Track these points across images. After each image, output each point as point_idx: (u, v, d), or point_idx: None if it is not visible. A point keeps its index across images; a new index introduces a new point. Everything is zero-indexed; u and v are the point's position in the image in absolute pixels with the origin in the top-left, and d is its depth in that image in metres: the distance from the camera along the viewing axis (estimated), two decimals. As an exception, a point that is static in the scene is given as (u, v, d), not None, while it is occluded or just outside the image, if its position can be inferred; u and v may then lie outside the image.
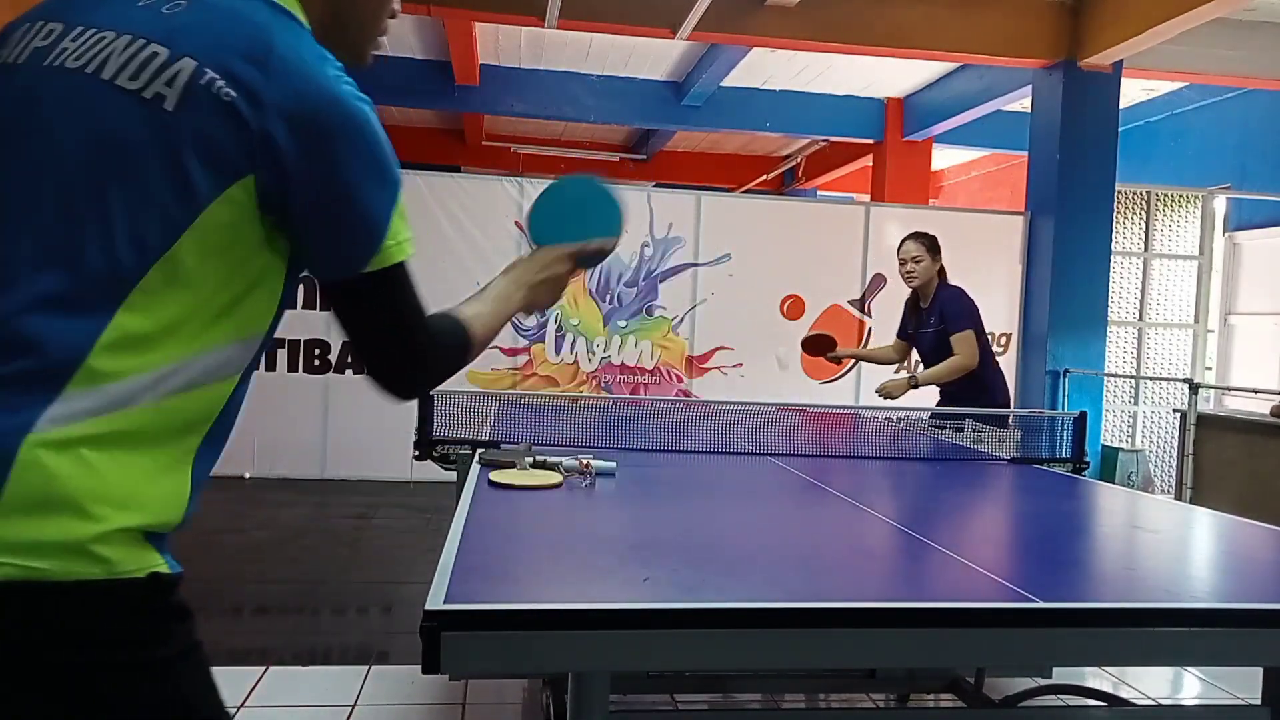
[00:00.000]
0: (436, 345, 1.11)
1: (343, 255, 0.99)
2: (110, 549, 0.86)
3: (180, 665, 0.94)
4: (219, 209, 0.90)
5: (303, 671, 3.13)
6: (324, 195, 0.95)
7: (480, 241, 6.48)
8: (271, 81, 0.91)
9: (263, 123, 0.90)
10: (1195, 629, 1.25)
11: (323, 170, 0.94)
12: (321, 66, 0.95)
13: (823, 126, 9.43)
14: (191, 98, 0.90)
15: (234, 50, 0.91)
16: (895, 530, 1.85)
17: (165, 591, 0.92)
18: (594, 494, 2.04)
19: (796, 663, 1.66)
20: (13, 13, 1.02)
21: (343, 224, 0.97)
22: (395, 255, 1.00)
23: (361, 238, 0.98)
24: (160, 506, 0.92)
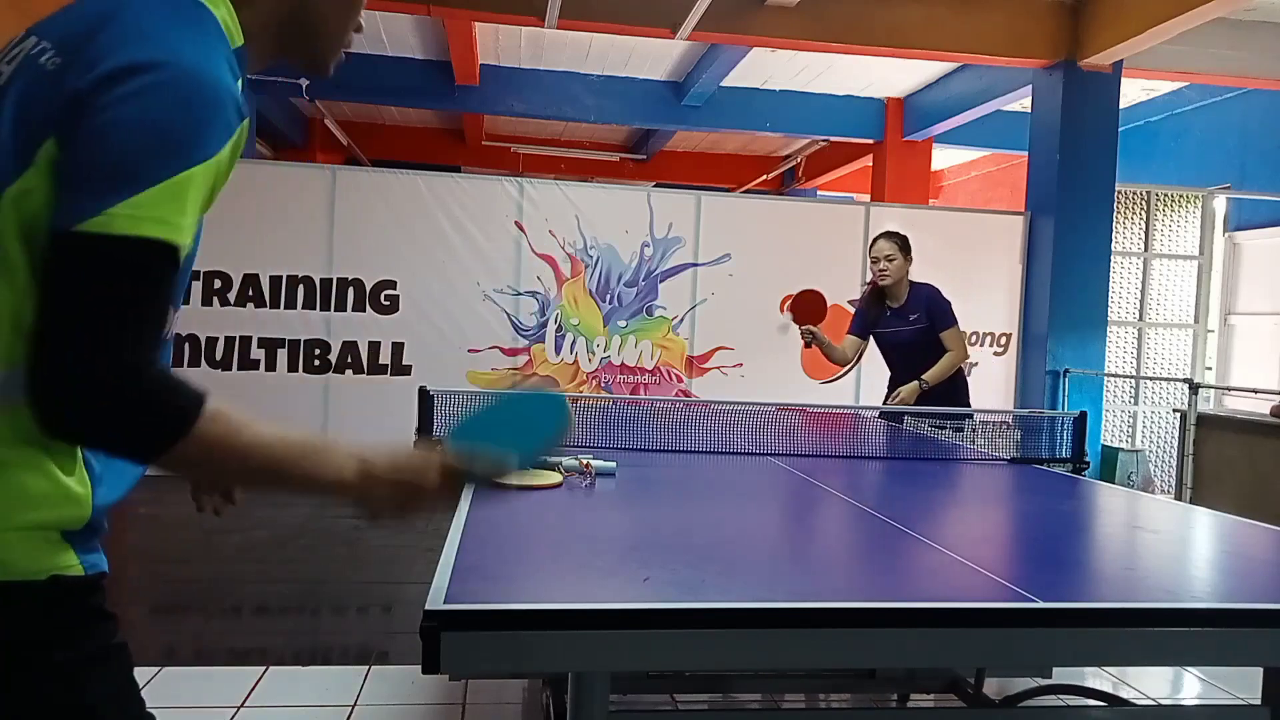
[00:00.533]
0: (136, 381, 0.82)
1: (70, 200, 0.83)
2: (5, 551, 0.84)
3: (86, 669, 0.91)
4: (29, 178, 0.86)
5: (303, 671, 3.13)
6: (88, 132, 0.83)
7: (480, 241, 6.48)
8: (95, 43, 0.87)
9: (75, 81, 0.86)
10: (1195, 629, 1.25)
11: (100, 110, 0.83)
12: (160, 29, 0.89)
13: (823, 126, 9.43)
14: (22, 70, 0.90)
15: (80, 27, 0.90)
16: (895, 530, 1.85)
17: (71, 594, 0.90)
18: (594, 494, 2.04)
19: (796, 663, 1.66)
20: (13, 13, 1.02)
21: (86, 166, 0.83)
22: (120, 225, 0.81)
23: (90, 189, 0.82)
24: (54, 503, 0.88)
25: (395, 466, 0.98)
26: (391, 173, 6.59)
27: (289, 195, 6.32)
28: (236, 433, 0.88)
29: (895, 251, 4.01)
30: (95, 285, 0.80)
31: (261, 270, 6.23)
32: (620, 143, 11.81)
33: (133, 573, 4.33)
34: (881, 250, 4.03)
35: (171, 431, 0.84)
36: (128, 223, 0.80)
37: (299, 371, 6.38)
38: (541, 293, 6.61)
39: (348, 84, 8.34)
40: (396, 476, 0.98)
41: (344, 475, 0.96)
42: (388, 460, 0.98)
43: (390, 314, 6.37)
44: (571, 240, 6.63)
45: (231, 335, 6.20)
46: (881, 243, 4.05)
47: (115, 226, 0.80)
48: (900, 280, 4.04)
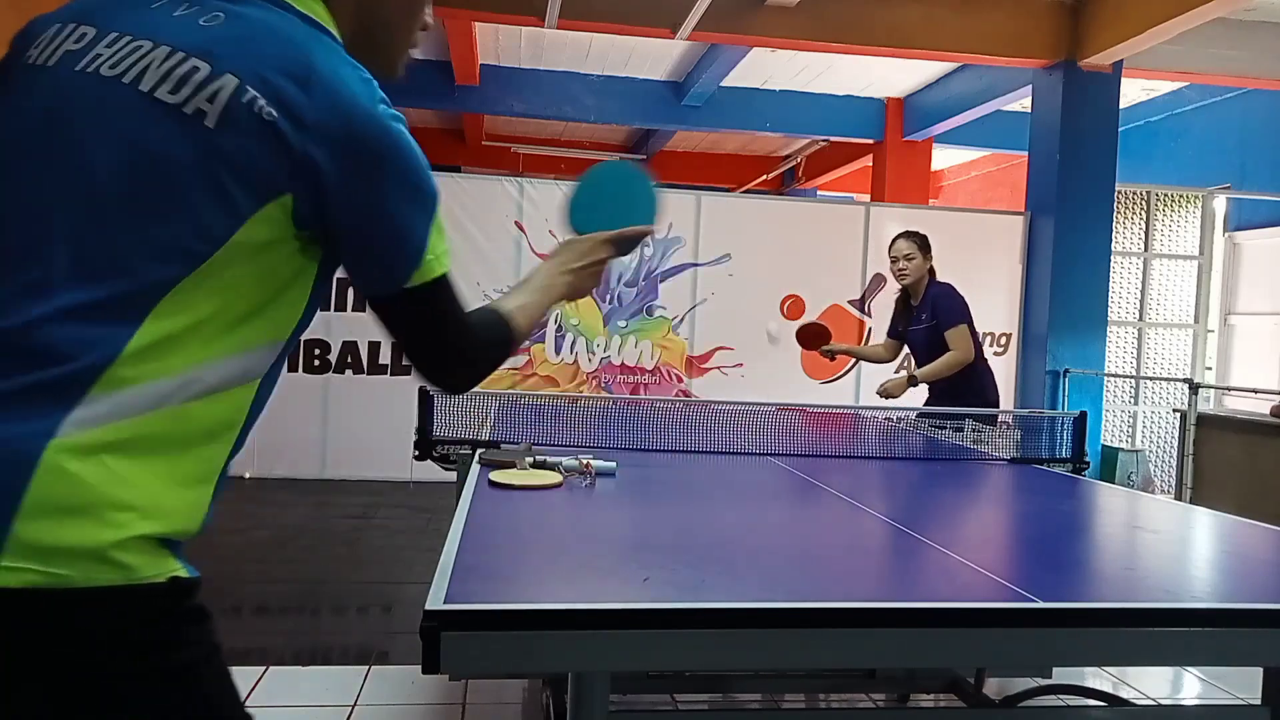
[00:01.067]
0: (480, 344, 1.14)
1: (383, 273, 1.01)
2: (130, 555, 0.86)
3: (202, 668, 0.94)
4: (255, 226, 0.90)
5: (303, 671, 3.13)
6: (364, 216, 0.96)
7: (480, 241, 6.48)
8: (313, 101, 0.91)
9: (303, 143, 0.90)
10: (1195, 629, 1.25)
11: (362, 191, 0.94)
12: (360, 86, 0.95)
13: (823, 126, 9.43)
14: (232, 115, 0.89)
15: (274, 68, 0.91)
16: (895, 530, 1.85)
17: (185, 596, 0.92)
18: (594, 494, 2.04)
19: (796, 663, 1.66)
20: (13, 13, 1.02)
21: (383, 244, 0.99)
22: (434, 270, 1.02)
23: (401, 256, 1.00)
24: (180, 514, 0.92)
25: (583, 257, 1.37)
26: (391, 173, 6.58)
27: (289, 195, 6.31)
28: (525, 313, 1.23)
29: (914, 250, 4.01)
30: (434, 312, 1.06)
31: (261, 270, 6.23)
32: (620, 143, 11.82)
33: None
34: (901, 250, 4.04)
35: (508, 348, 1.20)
36: (435, 265, 1.02)
37: (299, 371, 6.38)
38: (541, 293, 6.60)
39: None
40: (587, 263, 1.37)
41: (567, 288, 1.34)
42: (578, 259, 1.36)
43: (390, 314, 6.36)
44: (571, 240, 6.62)
45: (231, 335, 6.20)
46: (901, 242, 4.06)
47: (430, 274, 1.02)
48: (920, 279, 4.05)
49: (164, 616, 0.90)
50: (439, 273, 1.02)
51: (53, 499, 0.82)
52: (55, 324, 0.85)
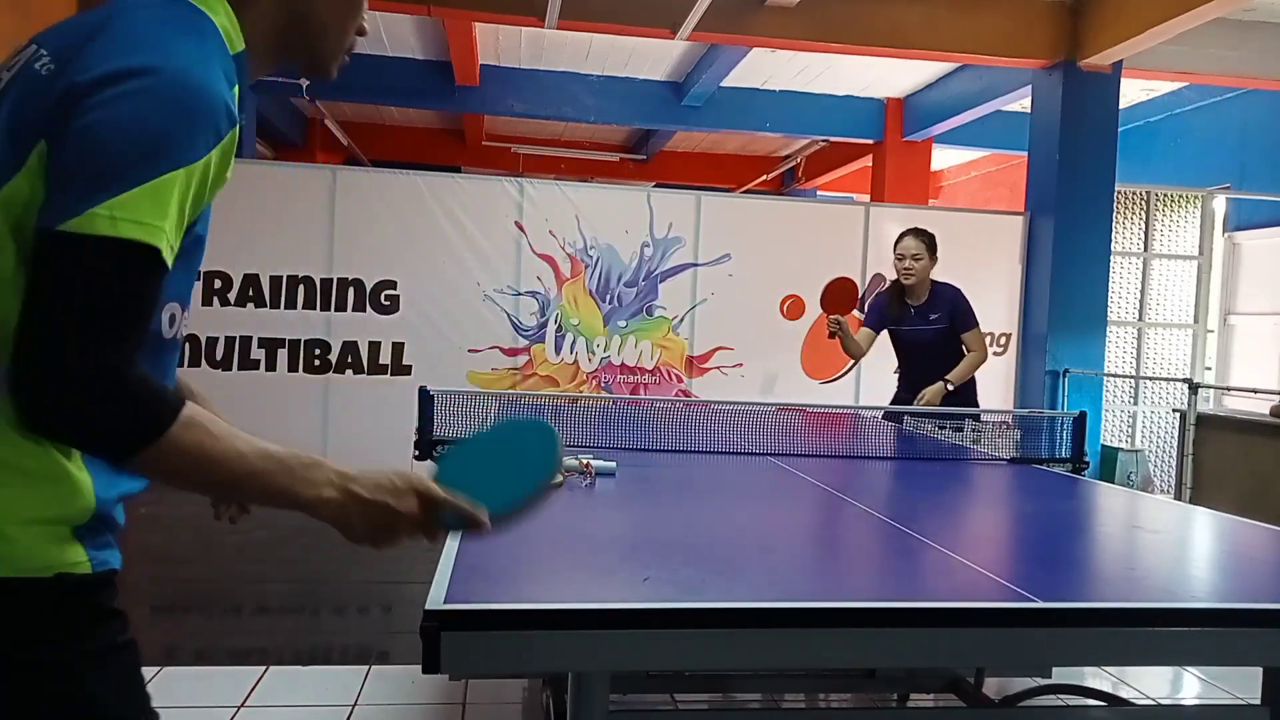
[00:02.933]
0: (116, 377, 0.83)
1: (53, 200, 0.85)
2: (9, 546, 0.85)
3: (88, 667, 0.92)
4: (20, 181, 0.87)
5: (303, 671, 3.13)
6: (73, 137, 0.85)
7: (480, 241, 6.47)
8: (88, 49, 0.89)
9: (67, 83, 0.88)
10: (1195, 629, 1.25)
11: (89, 112, 0.85)
12: (154, 35, 0.90)
13: (823, 126, 9.43)
14: (19, 76, 0.91)
15: (79, 34, 0.92)
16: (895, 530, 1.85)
17: (76, 592, 0.90)
18: (594, 494, 2.04)
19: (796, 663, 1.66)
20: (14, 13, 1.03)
21: (67, 169, 0.85)
22: (100, 226, 0.82)
23: (76, 188, 0.83)
24: (54, 497, 0.89)
25: (376, 487, 0.97)
26: (391, 173, 6.58)
27: (289, 195, 6.32)
28: (213, 442, 0.88)
29: (922, 250, 3.99)
30: (75, 284, 0.82)
31: (261, 270, 6.23)
32: (620, 143, 11.81)
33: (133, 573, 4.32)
34: (909, 249, 4.01)
35: (144, 434, 0.84)
36: (107, 224, 0.82)
37: (299, 371, 6.37)
38: (541, 293, 6.61)
39: (348, 84, 8.33)
40: (375, 497, 0.96)
41: (322, 493, 0.95)
42: (370, 481, 0.97)
43: (390, 314, 6.37)
44: (571, 240, 6.63)
45: (231, 335, 6.19)
46: (909, 240, 4.02)
47: (95, 227, 0.81)
48: (923, 280, 4.03)
49: (47, 611, 0.88)
50: (104, 232, 0.82)
51: None
52: None
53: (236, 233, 5.99)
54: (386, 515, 0.97)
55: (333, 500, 0.95)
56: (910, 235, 4.03)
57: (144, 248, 0.84)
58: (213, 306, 6.13)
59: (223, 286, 6.17)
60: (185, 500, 1.23)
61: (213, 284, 6.13)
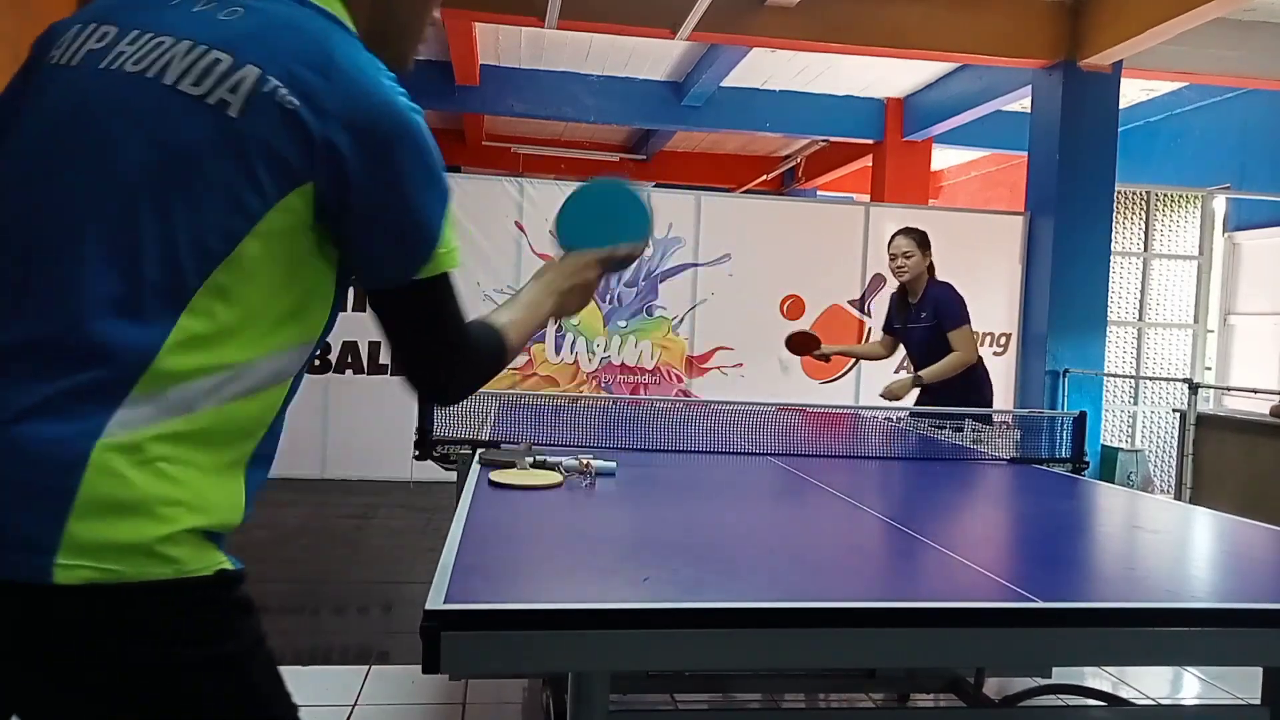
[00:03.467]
0: (474, 352, 1.13)
1: (397, 261, 1.00)
2: (178, 549, 0.88)
3: (250, 659, 0.97)
4: (278, 215, 0.91)
5: (303, 671, 3.13)
6: (383, 202, 0.96)
7: (480, 241, 6.48)
8: (333, 89, 0.92)
9: (324, 130, 0.91)
10: (1195, 629, 1.25)
11: (383, 178, 0.95)
12: (378, 75, 0.97)
13: (823, 126, 9.43)
14: (255, 104, 0.90)
15: (295, 59, 0.92)
16: (895, 530, 1.85)
17: (231, 587, 0.94)
18: (594, 494, 2.04)
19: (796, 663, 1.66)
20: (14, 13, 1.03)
21: (400, 231, 0.99)
22: (445, 263, 1.02)
23: (417, 245, 1.00)
24: (222, 508, 0.93)
25: (571, 277, 1.34)
26: (391, 173, 6.58)
27: (289, 195, 6.31)
28: (516, 329, 1.22)
29: (913, 248, 4.00)
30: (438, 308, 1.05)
31: (261, 270, 6.23)
32: (620, 143, 11.81)
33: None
34: (899, 247, 4.03)
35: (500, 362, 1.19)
36: (446, 259, 1.02)
37: (299, 371, 6.36)
38: (541, 293, 6.60)
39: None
40: (577, 281, 1.34)
41: (554, 309, 1.32)
42: (566, 277, 1.34)
43: (390, 314, 6.36)
44: (571, 240, 6.62)
45: (231, 335, 6.19)
46: (899, 239, 4.05)
47: (440, 266, 1.02)
48: (919, 276, 4.04)
49: (211, 608, 0.92)
50: (449, 267, 1.02)
51: (103, 497, 0.84)
52: (91, 321, 0.87)
53: (236, 233, 5.98)
54: (587, 286, 1.37)
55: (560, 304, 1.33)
56: (900, 234, 4.07)
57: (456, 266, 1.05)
58: (213, 306, 6.12)
59: (223, 286, 6.16)
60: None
61: (213, 284, 6.13)
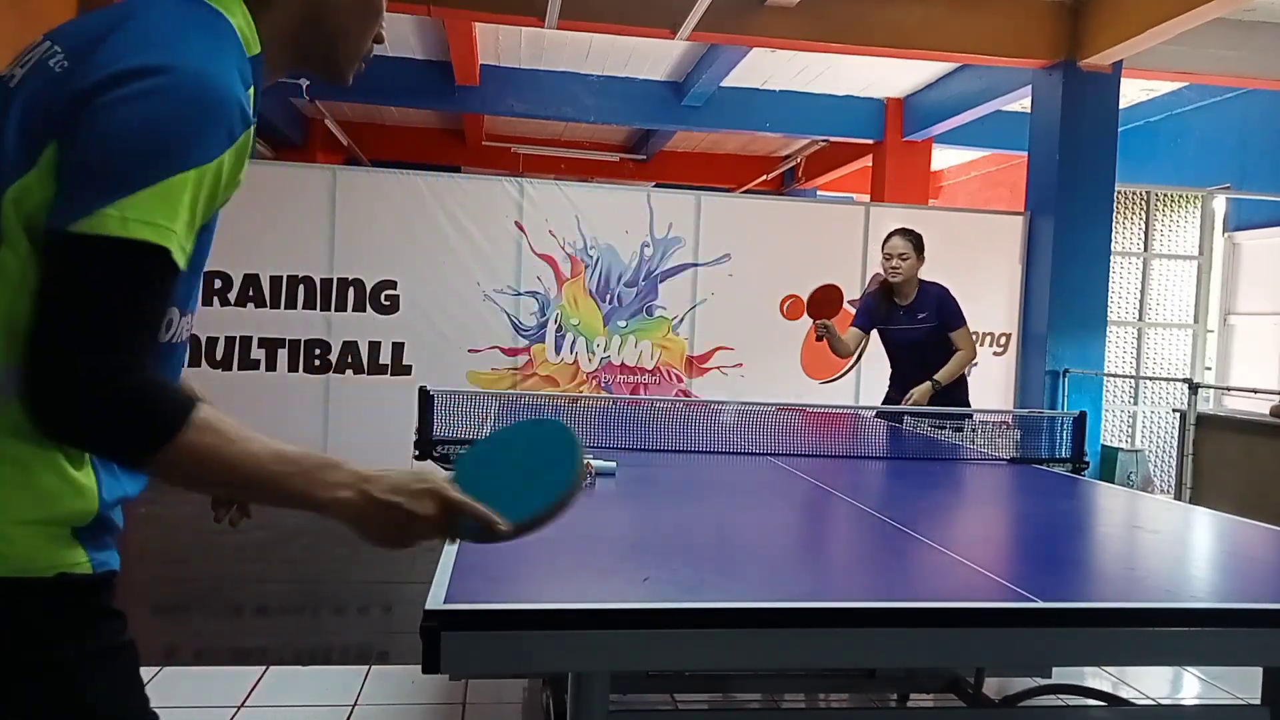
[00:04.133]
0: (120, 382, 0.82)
1: (61, 203, 0.84)
2: (9, 545, 0.84)
3: (86, 668, 0.91)
4: (31, 179, 0.87)
5: (303, 671, 3.13)
6: (84, 136, 0.85)
7: (480, 241, 6.47)
8: (103, 48, 0.89)
9: (78, 82, 0.87)
10: (1195, 629, 1.25)
11: (100, 118, 0.85)
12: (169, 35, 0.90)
13: (823, 126, 9.43)
14: (32, 73, 0.91)
15: (94, 33, 0.91)
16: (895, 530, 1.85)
17: (76, 593, 0.90)
18: (594, 494, 2.04)
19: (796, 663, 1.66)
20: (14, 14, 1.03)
21: (78, 169, 0.84)
22: (110, 226, 0.82)
23: (84, 189, 0.83)
24: (60, 498, 0.88)
25: (393, 489, 0.95)
26: (391, 173, 6.59)
27: (289, 195, 6.32)
28: (226, 444, 0.87)
29: (909, 250, 4.01)
30: (84, 285, 0.82)
31: (261, 270, 6.23)
32: (620, 143, 11.81)
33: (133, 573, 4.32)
34: (896, 248, 4.04)
35: (155, 437, 0.83)
36: (118, 224, 0.81)
37: (299, 371, 6.37)
38: (541, 293, 6.61)
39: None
40: (392, 499, 0.94)
41: (338, 494, 0.93)
42: (387, 483, 0.95)
43: (390, 314, 6.37)
44: (571, 240, 6.63)
45: (231, 335, 6.20)
46: (896, 240, 4.05)
47: (106, 227, 0.81)
48: (910, 279, 4.05)
49: (45, 611, 0.88)
50: (115, 232, 0.82)
51: None
52: None
53: (236, 232, 5.98)
54: (403, 517, 0.95)
55: (349, 501, 0.93)
56: (897, 235, 4.07)
57: (154, 248, 0.83)
58: (213, 306, 6.13)
59: (223, 286, 6.17)
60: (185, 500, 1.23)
61: (213, 284, 6.13)
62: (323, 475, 0.93)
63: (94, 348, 0.81)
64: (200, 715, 2.70)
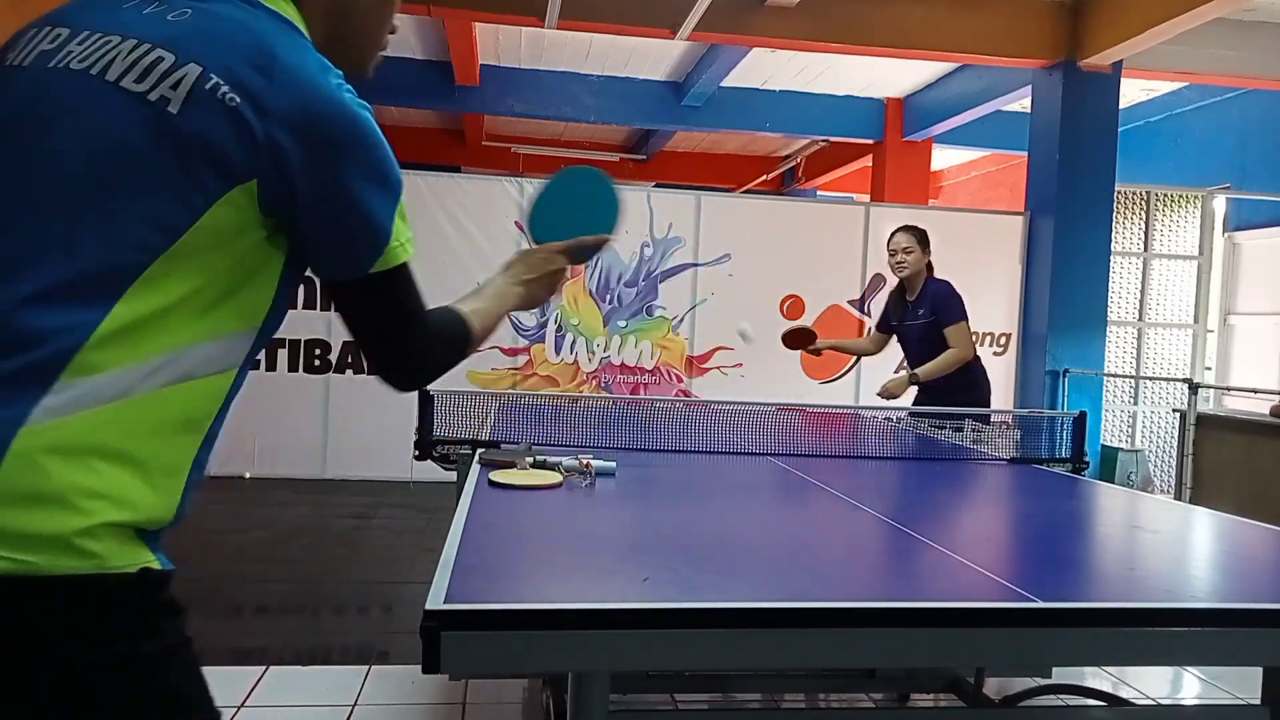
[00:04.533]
0: (437, 340, 1.15)
1: (347, 258, 1.02)
2: (99, 544, 0.86)
3: (168, 661, 0.94)
4: (220, 210, 0.92)
5: (303, 671, 3.13)
6: (328, 200, 0.97)
7: (480, 241, 6.48)
8: (275, 88, 0.92)
9: (267, 128, 0.91)
10: (1195, 629, 1.25)
11: (327, 176, 0.96)
12: (323, 75, 0.97)
13: (823, 126, 9.43)
14: (196, 102, 0.91)
15: (238, 57, 0.93)
16: (895, 530, 1.85)
17: (155, 588, 0.92)
18: (594, 494, 2.04)
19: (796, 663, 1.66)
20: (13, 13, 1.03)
21: (347, 228, 1.00)
22: (398, 256, 1.03)
23: (366, 241, 1.01)
24: (151, 503, 0.92)
25: (537, 267, 1.39)
26: (391, 173, 6.58)
27: (289, 195, 6.31)
28: (481, 318, 1.24)
29: (913, 244, 4.03)
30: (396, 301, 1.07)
31: (261, 270, 6.22)
32: (620, 143, 11.82)
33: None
34: (899, 243, 4.06)
35: (464, 350, 1.21)
36: (399, 252, 1.04)
37: (299, 371, 6.37)
38: (541, 293, 6.60)
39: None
40: (542, 272, 1.39)
41: (520, 300, 1.37)
42: (534, 268, 1.39)
43: (390, 314, 6.36)
44: (571, 240, 6.62)
45: (231, 335, 6.19)
46: (899, 236, 4.08)
47: (393, 260, 1.03)
48: (918, 273, 4.06)
49: (131, 607, 0.90)
50: (402, 260, 1.04)
51: (21, 486, 0.83)
52: (24, 309, 0.86)
53: (236, 233, 5.98)
54: (553, 277, 1.41)
55: (527, 295, 1.38)
56: (901, 231, 4.09)
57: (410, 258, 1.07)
58: (213, 306, 6.12)
59: (223, 286, 6.16)
60: (185, 500, 1.23)
61: (213, 284, 6.12)
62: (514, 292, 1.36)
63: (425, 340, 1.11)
64: (200, 715, 2.70)
